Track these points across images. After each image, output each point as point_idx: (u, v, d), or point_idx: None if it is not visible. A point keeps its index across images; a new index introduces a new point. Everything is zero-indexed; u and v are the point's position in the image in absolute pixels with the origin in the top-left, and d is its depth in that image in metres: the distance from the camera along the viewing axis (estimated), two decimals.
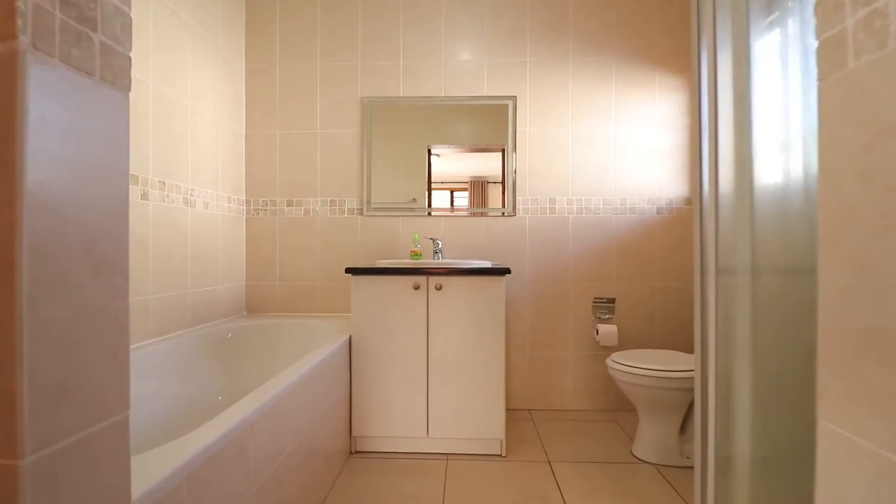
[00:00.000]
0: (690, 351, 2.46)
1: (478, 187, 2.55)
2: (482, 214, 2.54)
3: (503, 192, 2.54)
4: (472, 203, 2.55)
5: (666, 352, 2.12)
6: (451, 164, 2.54)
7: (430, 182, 2.54)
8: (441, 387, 1.98)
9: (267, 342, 2.21)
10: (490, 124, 2.53)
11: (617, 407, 2.53)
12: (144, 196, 1.80)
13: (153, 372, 1.72)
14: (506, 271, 1.95)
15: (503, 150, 2.52)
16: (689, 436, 1.98)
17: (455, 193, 2.56)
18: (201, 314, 2.16)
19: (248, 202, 2.57)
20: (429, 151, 2.53)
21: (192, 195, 2.09)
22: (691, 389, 1.88)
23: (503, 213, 2.53)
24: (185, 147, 2.05)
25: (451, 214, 2.54)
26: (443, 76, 2.54)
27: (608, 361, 2.04)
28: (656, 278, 2.52)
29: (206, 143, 2.21)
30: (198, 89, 2.14)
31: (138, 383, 1.62)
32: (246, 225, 2.57)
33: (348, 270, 1.97)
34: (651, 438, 1.99)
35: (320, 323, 2.25)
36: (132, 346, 1.71)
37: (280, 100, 2.57)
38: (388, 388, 1.99)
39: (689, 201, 2.53)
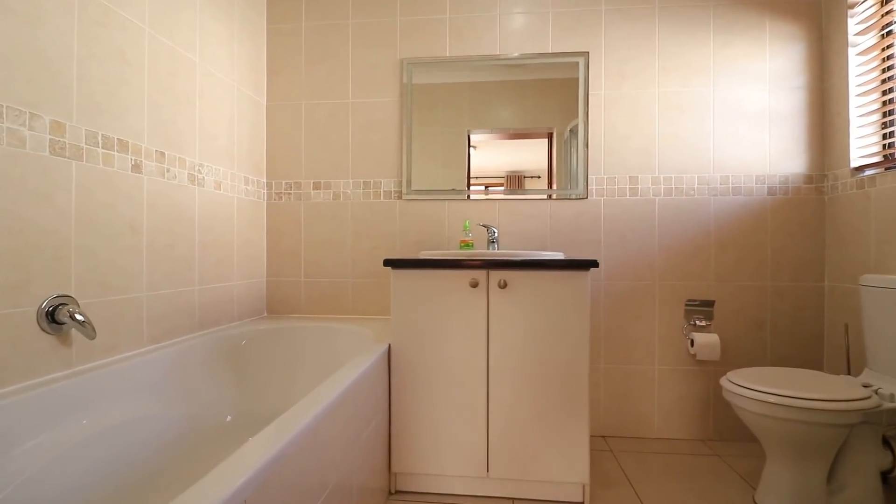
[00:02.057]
0: (815, 367, 1.94)
1: (514, 183, 2.10)
2: (548, 197, 2.08)
3: (549, 184, 2.08)
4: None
5: (802, 371, 1.61)
6: (487, 156, 2.11)
7: (469, 172, 2.10)
8: (505, 413, 1.54)
9: (288, 350, 1.82)
10: (538, 103, 2.08)
11: (717, 436, 2.03)
12: (136, 168, 1.44)
13: (146, 389, 1.35)
14: (591, 264, 1.49)
15: (550, 135, 2.07)
16: (842, 486, 1.47)
17: (489, 189, 2.12)
18: (211, 316, 1.79)
19: (268, 185, 2.20)
20: (468, 139, 2.10)
21: (200, 172, 1.73)
22: (850, 425, 1.38)
23: (570, 196, 2.07)
24: (192, 113, 1.69)
25: (509, 197, 2.10)
26: (497, 32, 2.11)
27: (725, 383, 1.55)
28: (767, 276, 2.01)
29: (219, 111, 1.85)
30: (209, 46, 1.78)
31: (124, 404, 1.26)
32: (266, 211, 2.20)
33: (388, 263, 1.56)
34: (786, 487, 1.48)
35: (353, 328, 1.85)
36: (117, 357, 1.35)
37: (306, 65, 2.19)
38: (436, 412, 1.56)
39: (811, 179, 2.00)
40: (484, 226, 1.95)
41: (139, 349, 1.45)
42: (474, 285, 1.53)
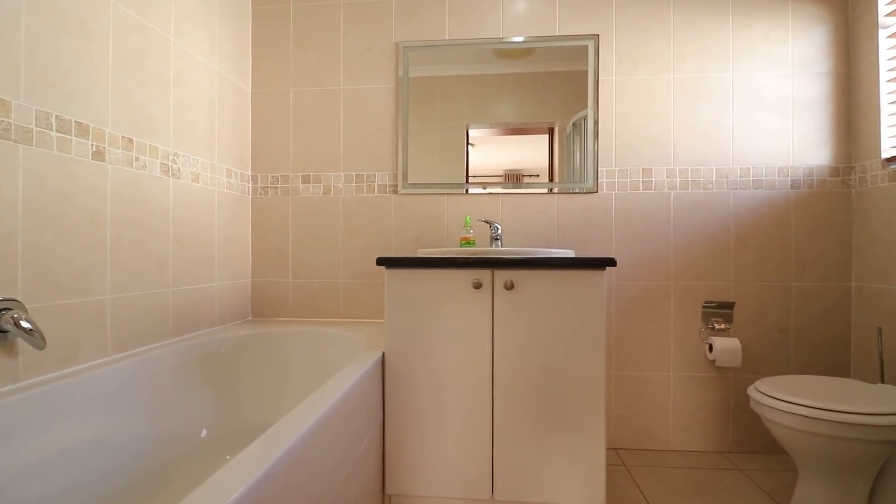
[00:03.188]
0: (841, 373, 1.80)
1: (512, 182, 1.95)
2: (551, 191, 1.94)
3: (551, 172, 1.93)
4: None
5: (835, 380, 1.47)
6: (485, 153, 1.96)
7: (467, 167, 1.95)
8: (511, 427, 1.39)
9: (273, 358, 1.66)
10: (539, 96, 1.93)
11: (737, 448, 1.88)
12: (98, 155, 1.28)
13: (108, 404, 1.20)
14: (608, 262, 1.35)
15: (551, 130, 1.92)
16: None
17: (487, 187, 1.97)
18: (188, 320, 1.63)
19: (253, 178, 2.04)
20: (467, 133, 1.95)
21: (175, 161, 1.57)
22: (892, 442, 1.23)
23: (579, 190, 1.92)
24: (166, 97, 1.53)
25: (513, 192, 1.95)
26: (500, 14, 1.96)
27: (754, 393, 1.41)
28: (791, 276, 1.86)
29: (197, 97, 1.69)
30: (186, 25, 1.63)
31: (82, 422, 1.11)
32: (251, 206, 2.05)
33: (381, 261, 1.41)
34: None
35: (344, 333, 1.69)
36: (75, 368, 1.19)
37: (294, 49, 2.03)
38: (435, 427, 1.41)
39: (837, 171, 1.86)
40: (486, 222, 1.79)
41: (102, 359, 1.29)
42: (478, 286, 1.38)
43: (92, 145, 1.26)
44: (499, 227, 1.80)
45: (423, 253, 1.54)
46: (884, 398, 1.28)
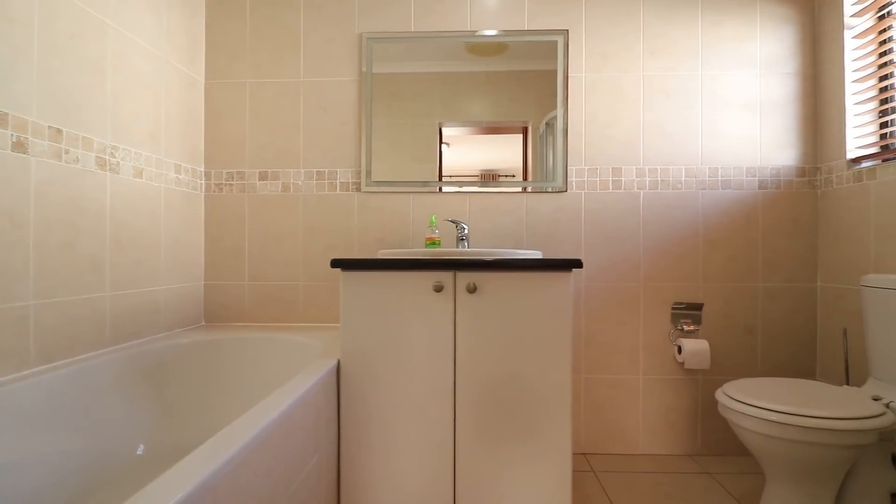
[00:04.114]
0: (808, 374, 1.80)
1: (488, 182, 1.89)
2: (525, 190, 1.88)
3: (525, 171, 1.88)
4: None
5: (804, 383, 1.45)
6: (460, 153, 1.90)
7: (440, 165, 1.88)
8: (475, 437, 1.32)
9: (222, 367, 1.56)
10: (513, 95, 1.88)
11: (705, 451, 1.86)
12: (20, 146, 1.16)
13: (30, 420, 1.08)
14: (574, 264, 1.29)
15: (525, 130, 1.87)
16: None
17: (457, 188, 1.91)
18: (128, 327, 1.51)
19: (207, 174, 1.92)
20: (440, 132, 1.88)
21: (113, 155, 1.45)
22: (864, 446, 1.21)
23: (551, 189, 1.87)
24: (102, 84, 1.41)
25: (482, 191, 1.88)
26: (468, 6, 1.89)
27: (722, 397, 1.38)
28: (758, 277, 1.85)
29: (141, 86, 1.57)
30: (128, 9, 1.51)
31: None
32: (204, 204, 1.92)
33: (336, 263, 1.32)
34: None
35: (300, 339, 1.60)
36: None
37: (251, 38, 1.92)
38: (394, 439, 1.33)
39: (804, 172, 1.85)
40: (452, 221, 1.72)
41: (23, 371, 1.17)
42: (438, 289, 1.30)
43: (11, 135, 1.14)
44: (465, 227, 1.73)
45: (383, 254, 1.46)
46: (850, 402, 1.26)
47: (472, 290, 1.30)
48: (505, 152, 1.90)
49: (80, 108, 1.33)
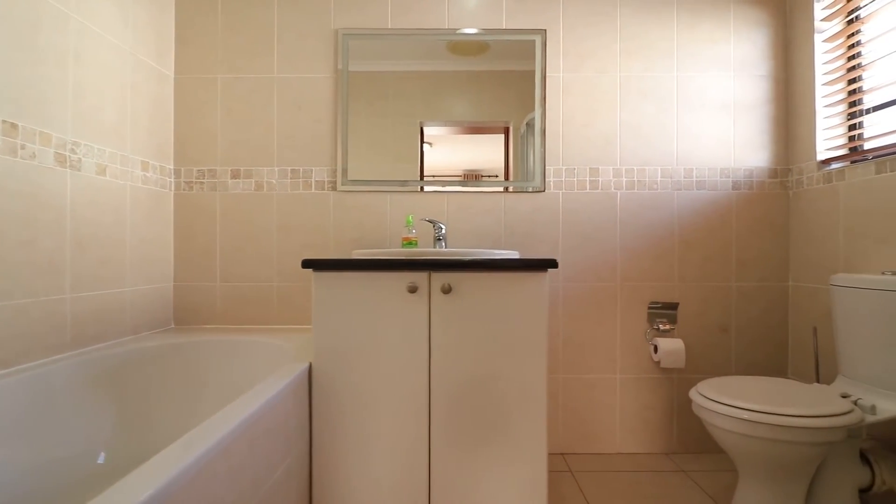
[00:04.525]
0: (780, 372, 1.83)
1: (467, 182, 1.88)
2: (507, 190, 1.87)
3: (506, 172, 1.88)
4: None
5: (775, 381, 1.47)
6: (444, 153, 1.88)
7: (422, 165, 1.87)
8: (450, 439, 1.30)
9: (190, 371, 1.51)
10: (495, 95, 1.87)
11: (681, 448, 1.88)
12: None
13: None
14: (549, 264, 1.28)
15: (506, 130, 1.86)
16: None
17: (435, 187, 1.90)
18: (91, 331, 1.45)
19: (176, 172, 1.86)
20: (421, 131, 1.86)
21: (74, 151, 1.39)
22: (833, 443, 1.23)
23: (532, 189, 1.86)
24: (64, 77, 1.35)
25: (460, 190, 1.87)
26: (446, 4, 1.87)
27: (696, 396, 1.39)
28: (732, 276, 1.88)
29: (105, 79, 1.51)
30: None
31: None
32: (174, 203, 1.86)
33: (307, 264, 1.29)
34: None
35: (272, 341, 1.56)
36: None
37: (223, 32, 1.87)
38: (368, 445, 1.31)
39: (776, 173, 1.89)
40: (430, 221, 1.70)
41: None
42: (413, 290, 1.28)
43: None
44: (443, 226, 1.71)
45: (358, 254, 1.43)
46: (820, 399, 1.28)
47: (446, 290, 1.28)
48: (488, 152, 1.89)
49: (38, 102, 1.27)
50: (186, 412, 1.41)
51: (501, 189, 1.87)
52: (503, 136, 1.89)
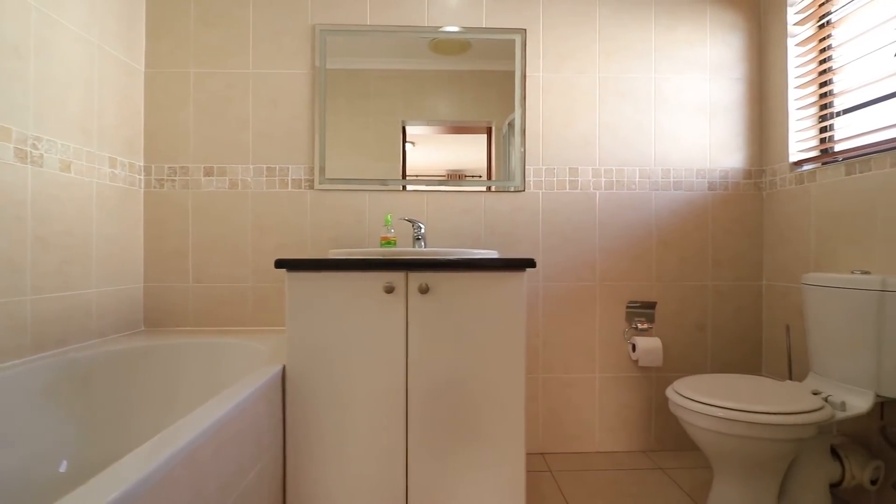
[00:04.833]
0: (755, 370, 1.86)
1: (446, 181, 1.87)
2: (489, 189, 1.86)
3: (489, 172, 1.87)
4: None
5: (749, 378, 1.49)
6: (427, 152, 1.86)
7: (404, 164, 1.85)
8: (428, 441, 1.29)
9: (160, 375, 1.46)
10: (477, 94, 1.86)
11: (659, 446, 1.90)
12: None
13: None
14: (528, 263, 1.28)
15: (489, 130, 1.86)
16: (792, 503, 1.35)
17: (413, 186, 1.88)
18: (54, 334, 1.39)
19: (146, 169, 1.81)
20: (403, 130, 1.84)
21: (36, 147, 1.33)
22: (805, 439, 1.25)
23: (514, 188, 1.86)
24: (24, 69, 1.29)
25: (439, 189, 1.85)
26: (426, 2, 1.85)
27: (672, 395, 1.39)
28: (708, 276, 1.90)
29: (70, 73, 1.45)
30: None
31: None
32: (144, 201, 1.81)
33: (280, 264, 1.25)
34: None
35: (246, 343, 1.52)
36: None
37: (196, 26, 1.82)
38: (344, 448, 1.28)
39: (750, 174, 1.92)
40: (409, 220, 1.68)
41: None
42: (389, 291, 1.26)
43: None
44: (422, 226, 1.69)
45: (335, 254, 1.40)
46: (793, 397, 1.30)
47: (424, 290, 1.27)
48: (471, 152, 1.88)
49: None
50: (156, 419, 1.36)
51: (483, 189, 1.86)
52: (486, 136, 1.89)
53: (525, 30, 1.86)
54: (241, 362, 1.45)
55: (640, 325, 1.88)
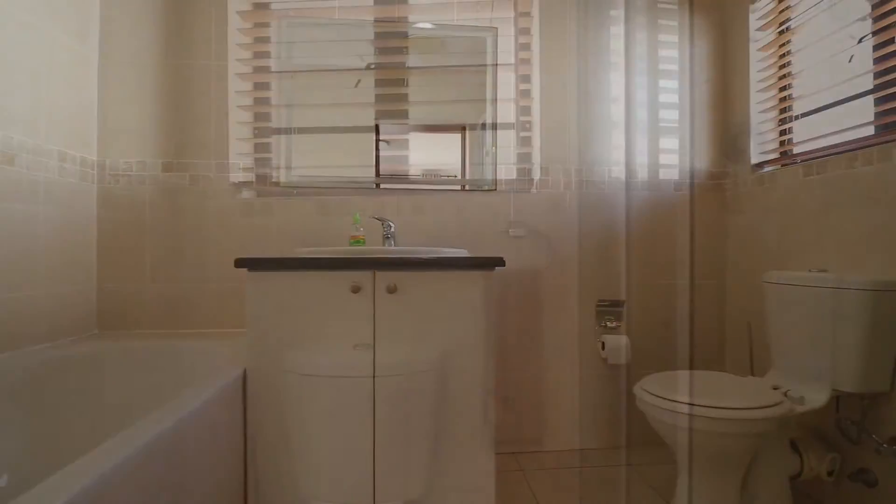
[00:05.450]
0: (719, 367, 1.90)
1: (418, 180, 1.87)
2: (464, 188, 1.85)
3: (463, 173, 1.87)
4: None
5: (713, 375, 1.52)
6: (402, 152, 1.87)
7: (378, 164, 1.82)
8: (395, 446, 1.26)
9: (111, 381, 1.39)
10: (452, 94, 1.88)
11: (629, 443, 1.92)
12: None
13: None
14: (496, 262, 1.26)
15: (464, 129, 1.85)
16: (753, 496, 1.39)
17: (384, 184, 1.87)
18: None
19: (100, 164, 1.72)
20: (377, 130, 1.81)
21: None
22: (766, 433, 1.28)
23: (487, 187, 1.85)
24: None
25: (414, 188, 1.83)
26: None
27: (639, 392, 1.41)
28: (674, 274, 1.93)
29: (14, 61, 1.36)
30: None
31: None
32: (98, 198, 1.72)
33: (241, 263, 1.21)
34: (701, 500, 1.37)
35: (206, 346, 1.46)
36: None
37: (156, 16, 1.74)
38: (308, 453, 1.24)
39: (713, 176, 1.96)
40: (378, 219, 1.65)
41: None
42: (356, 290, 1.23)
43: None
44: (392, 224, 1.66)
45: (300, 253, 1.36)
46: (754, 392, 1.33)
47: (392, 290, 1.24)
48: (446, 152, 1.88)
49: None
50: (109, 428, 1.29)
51: (457, 188, 1.85)
52: (460, 135, 1.88)
53: (496, 28, 1.85)
54: (201, 367, 1.39)
55: (609, 324, 1.89)
